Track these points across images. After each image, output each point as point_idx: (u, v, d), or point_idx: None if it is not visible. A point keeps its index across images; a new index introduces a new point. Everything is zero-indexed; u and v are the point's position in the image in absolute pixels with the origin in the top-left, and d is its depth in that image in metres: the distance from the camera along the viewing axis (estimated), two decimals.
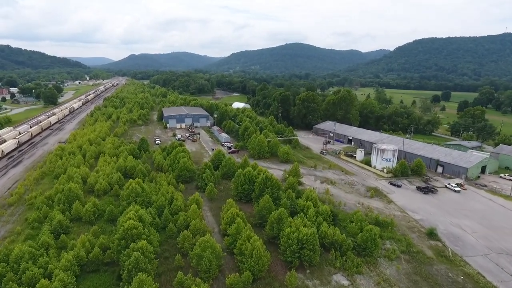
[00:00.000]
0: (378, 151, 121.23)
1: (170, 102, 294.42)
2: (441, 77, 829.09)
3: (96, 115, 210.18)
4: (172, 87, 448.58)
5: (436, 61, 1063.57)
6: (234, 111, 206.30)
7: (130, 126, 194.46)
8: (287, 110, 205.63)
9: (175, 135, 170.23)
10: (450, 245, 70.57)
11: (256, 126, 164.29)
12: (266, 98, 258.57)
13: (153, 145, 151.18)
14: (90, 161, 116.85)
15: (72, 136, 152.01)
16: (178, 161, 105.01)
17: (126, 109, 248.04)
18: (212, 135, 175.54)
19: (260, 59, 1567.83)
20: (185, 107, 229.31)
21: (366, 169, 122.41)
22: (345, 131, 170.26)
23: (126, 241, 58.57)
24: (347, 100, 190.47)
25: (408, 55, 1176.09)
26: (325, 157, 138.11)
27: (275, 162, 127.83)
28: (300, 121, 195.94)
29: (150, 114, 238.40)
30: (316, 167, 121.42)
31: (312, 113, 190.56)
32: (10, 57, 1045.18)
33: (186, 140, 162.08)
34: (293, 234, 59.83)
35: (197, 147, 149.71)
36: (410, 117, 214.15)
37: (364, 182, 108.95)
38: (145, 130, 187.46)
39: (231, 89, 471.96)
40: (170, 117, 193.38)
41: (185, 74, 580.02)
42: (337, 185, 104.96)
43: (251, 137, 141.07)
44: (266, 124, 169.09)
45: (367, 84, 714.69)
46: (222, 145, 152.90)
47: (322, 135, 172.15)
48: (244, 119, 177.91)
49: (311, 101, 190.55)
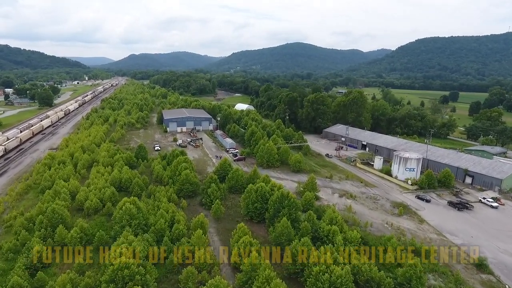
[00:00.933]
0: (400, 160, 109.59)
1: (171, 103, 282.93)
2: (445, 77, 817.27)
3: (92, 118, 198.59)
4: (173, 88, 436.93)
5: (439, 60, 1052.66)
6: (238, 113, 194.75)
7: (128, 130, 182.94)
8: (295, 112, 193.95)
9: (176, 140, 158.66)
10: (505, 280, 59.03)
11: (263, 131, 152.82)
12: (271, 100, 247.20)
13: (152, 151, 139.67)
14: (81, 172, 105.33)
15: (64, 142, 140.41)
16: (180, 172, 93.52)
17: (124, 111, 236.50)
18: (216, 140, 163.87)
19: (260, 58, 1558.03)
20: (186, 109, 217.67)
21: (387, 180, 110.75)
22: (358, 135, 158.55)
23: (116, 284, 47.04)
24: (359, 102, 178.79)
25: (410, 54, 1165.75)
26: (339, 166, 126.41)
27: (286, 171, 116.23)
28: (309, 124, 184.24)
29: (150, 117, 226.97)
30: (332, 178, 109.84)
31: (322, 116, 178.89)
32: (8, 57, 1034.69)
33: (188, 145, 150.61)
34: (323, 275, 48.20)
35: (199, 154, 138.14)
36: (424, 120, 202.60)
37: (388, 195, 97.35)
38: (144, 134, 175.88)
39: (233, 90, 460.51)
40: (170, 120, 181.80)
41: (186, 74, 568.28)
42: (358, 199, 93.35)
43: (259, 143, 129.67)
44: (273, 128, 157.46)
45: (370, 84, 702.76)
46: (226, 151, 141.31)
47: (334, 140, 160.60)
48: (249, 123, 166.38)
49: (320, 103, 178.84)
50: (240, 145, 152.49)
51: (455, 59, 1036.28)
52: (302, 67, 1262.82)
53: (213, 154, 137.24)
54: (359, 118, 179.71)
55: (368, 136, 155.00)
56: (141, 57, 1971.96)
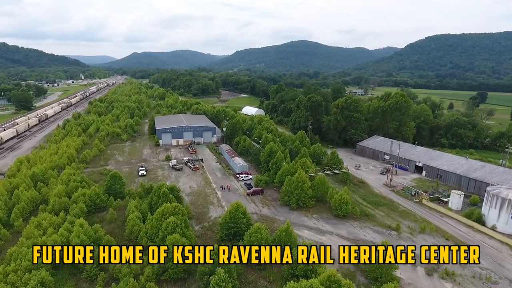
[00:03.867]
0: (501, 202, 72.11)
1: (168, 106, 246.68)
2: (459, 76, 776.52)
3: (69, 127, 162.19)
4: (172, 88, 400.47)
5: (450, 58, 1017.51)
6: (249, 122, 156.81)
7: (111, 142, 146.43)
8: (318, 120, 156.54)
9: (169, 159, 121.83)
10: None
11: (283, 147, 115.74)
12: (285, 103, 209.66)
13: (135, 178, 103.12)
14: (16, 224, 68.70)
15: (16, 164, 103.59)
16: (166, 232, 56.52)
17: (112, 116, 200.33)
18: (221, 158, 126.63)
19: (264, 57, 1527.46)
20: (184, 116, 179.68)
21: (481, 233, 73.11)
22: (408, 153, 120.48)
23: None
24: (402, 107, 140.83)
25: (420, 52, 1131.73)
26: (397, 202, 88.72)
27: (324, 216, 78.93)
28: (337, 135, 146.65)
29: (142, 123, 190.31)
30: (400, 230, 72.36)
31: (355, 125, 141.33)
32: (6, 55, 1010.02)
33: (185, 167, 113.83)
34: None
35: (199, 181, 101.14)
36: (477, 128, 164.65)
37: (503, 270, 59.88)
38: (130, 149, 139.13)
39: (238, 90, 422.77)
40: (164, 131, 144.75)
41: (187, 72, 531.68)
42: (460, 280, 55.90)
43: (282, 169, 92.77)
44: (296, 143, 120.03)
45: (382, 83, 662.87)
46: (236, 177, 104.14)
47: (373, 159, 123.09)
48: (264, 135, 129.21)
49: (353, 109, 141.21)
50: (253, 166, 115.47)
51: (468, 57, 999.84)
52: (307, 65, 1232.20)
53: (218, 181, 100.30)
54: (401, 128, 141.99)
55: (423, 155, 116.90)
56: (144, 56, 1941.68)
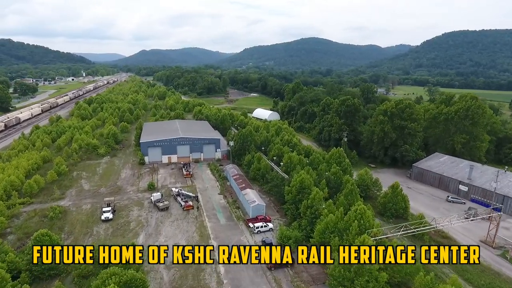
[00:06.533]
0: None
1: (168, 107, 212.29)
2: (481, 74, 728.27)
3: (34, 136, 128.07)
4: (175, 86, 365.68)
5: (470, 56, 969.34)
6: (264, 132, 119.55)
7: (83, 158, 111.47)
8: (354, 129, 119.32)
9: (152, 187, 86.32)
10: None
11: (313, 170, 79.49)
12: (305, 105, 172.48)
13: (96, 223, 67.81)
14: None
15: None
16: None
17: (97, 120, 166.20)
18: (226, 186, 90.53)
19: (274, 54, 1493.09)
20: (181, 122, 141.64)
21: None
22: (502, 183, 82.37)
23: None
24: (474, 115, 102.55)
25: (437, 49, 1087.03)
26: None
27: None
28: (383, 152, 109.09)
29: (131, 130, 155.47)
30: None
31: (410, 139, 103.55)
32: (10, 52, 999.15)
33: (173, 202, 78.16)
34: None
35: (191, 233, 65.12)
36: None
37: None
38: (105, 169, 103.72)
39: (248, 88, 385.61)
40: (152, 144, 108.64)
41: (193, 70, 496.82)
42: None
43: (324, 223, 56.60)
44: (334, 168, 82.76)
45: (401, 82, 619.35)
46: (248, 224, 67.86)
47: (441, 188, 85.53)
48: (286, 153, 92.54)
49: (407, 117, 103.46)
50: (272, 201, 79.26)
51: (489, 54, 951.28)
52: (318, 63, 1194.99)
53: (221, 232, 64.22)
54: (473, 143, 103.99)
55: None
56: (152, 53, 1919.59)
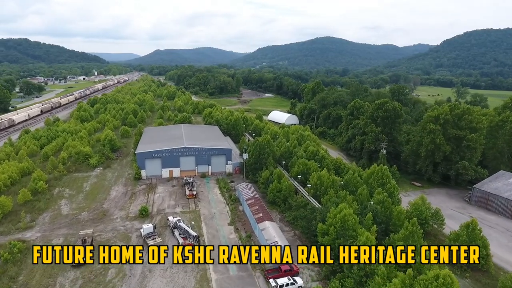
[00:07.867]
0: None
1: (176, 108, 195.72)
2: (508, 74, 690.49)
3: (21, 142, 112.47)
4: (186, 86, 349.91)
5: (494, 55, 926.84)
6: (284, 142, 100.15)
7: (72, 169, 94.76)
8: (393, 139, 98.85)
9: (145, 213, 68.47)
10: None
11: (351, 195, 60.16)
12: (327, 107, 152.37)
13: (57, 276, 50.01)
14: None
15: None
16: None
17: (96, 123, 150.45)
18: (238, 212, 71.96)
19: (288, 54, 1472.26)
20: (186, 127, 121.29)
21: None
22: None
23: None
24: None
25: (458, 49, 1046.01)
26: None
27: None
28: (431, 167, 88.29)
29: (132, 134, 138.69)
30: None
31: (469, 153, 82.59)
32: (27, 51, 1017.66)
33: (170, 237, 59.98)
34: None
35: None
36: None
37: None
38: (93, 184, 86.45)
39: (262, 88, 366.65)
40: (149, 155, 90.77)
41: (205, 69, 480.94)
42: None
43: None
44: (381, 194, 62.90)
45: (423, 82, 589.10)
46: (268, 277, 49.05)
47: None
48: (314, 172, 73.36)
49: (465, 125, 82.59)
50: (298, 235, 60.28)
51: None
52: (333, 62, 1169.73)
53: None
54: None
55: None
56: (166, 53, 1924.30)
